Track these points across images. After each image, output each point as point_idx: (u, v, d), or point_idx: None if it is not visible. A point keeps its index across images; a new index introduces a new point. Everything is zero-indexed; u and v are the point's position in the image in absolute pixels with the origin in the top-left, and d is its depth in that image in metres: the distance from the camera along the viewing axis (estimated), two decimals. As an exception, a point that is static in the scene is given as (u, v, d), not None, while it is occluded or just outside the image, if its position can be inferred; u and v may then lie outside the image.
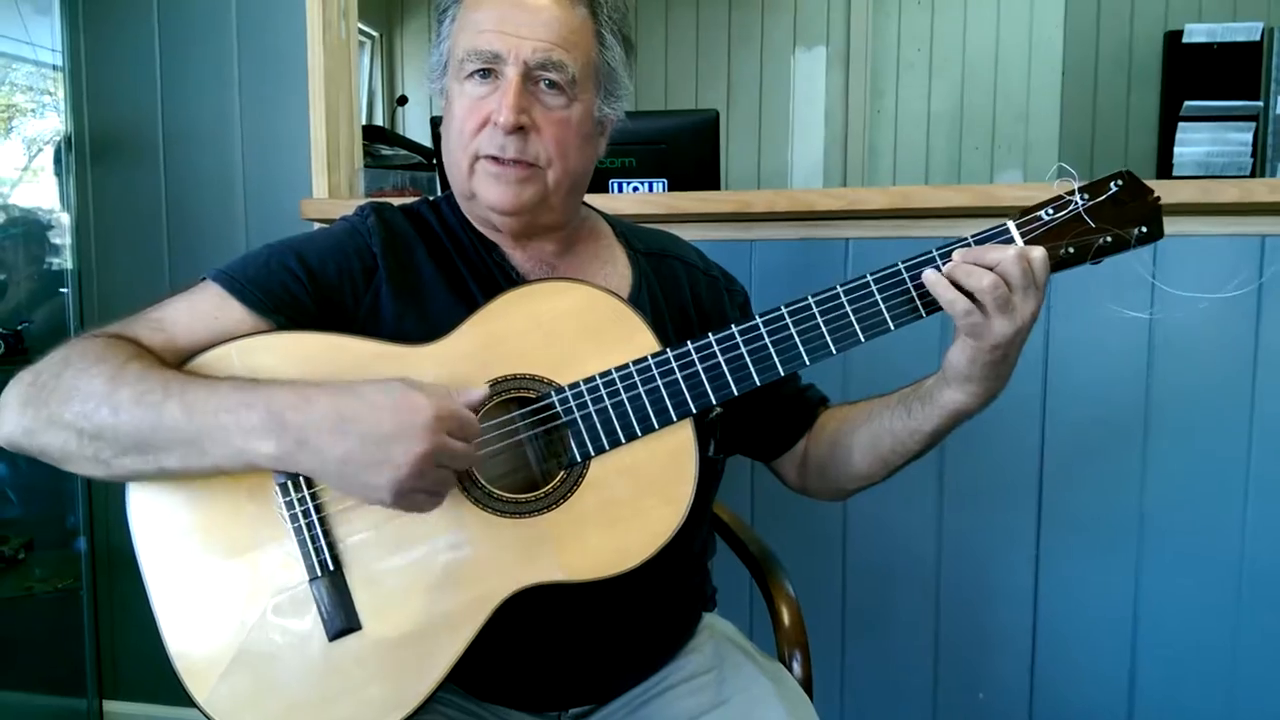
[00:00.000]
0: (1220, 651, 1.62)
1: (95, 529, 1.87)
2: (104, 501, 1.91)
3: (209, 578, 0.84)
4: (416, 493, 0.78)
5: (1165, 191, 1.49)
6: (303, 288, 0.91)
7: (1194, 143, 1.87)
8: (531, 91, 0.92)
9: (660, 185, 1.74)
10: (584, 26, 0.95)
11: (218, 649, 0.83)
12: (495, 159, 0.93)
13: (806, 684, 1.08)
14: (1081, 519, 1.65)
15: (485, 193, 0.95)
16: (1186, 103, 1.90)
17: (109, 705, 1.94)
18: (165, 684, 0.81)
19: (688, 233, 1.17)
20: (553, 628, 0.94)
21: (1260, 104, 1.92)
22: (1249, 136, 1.83)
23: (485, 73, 0.93)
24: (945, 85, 4.03)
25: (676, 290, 1.06)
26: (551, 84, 0.93)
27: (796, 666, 1.09)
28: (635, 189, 1.73)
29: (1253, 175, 1.84)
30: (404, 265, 0.95)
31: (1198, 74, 3.39)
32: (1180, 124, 1.87)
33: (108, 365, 0.80)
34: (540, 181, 0.94)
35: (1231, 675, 1.62)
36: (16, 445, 0.82)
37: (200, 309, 0.89)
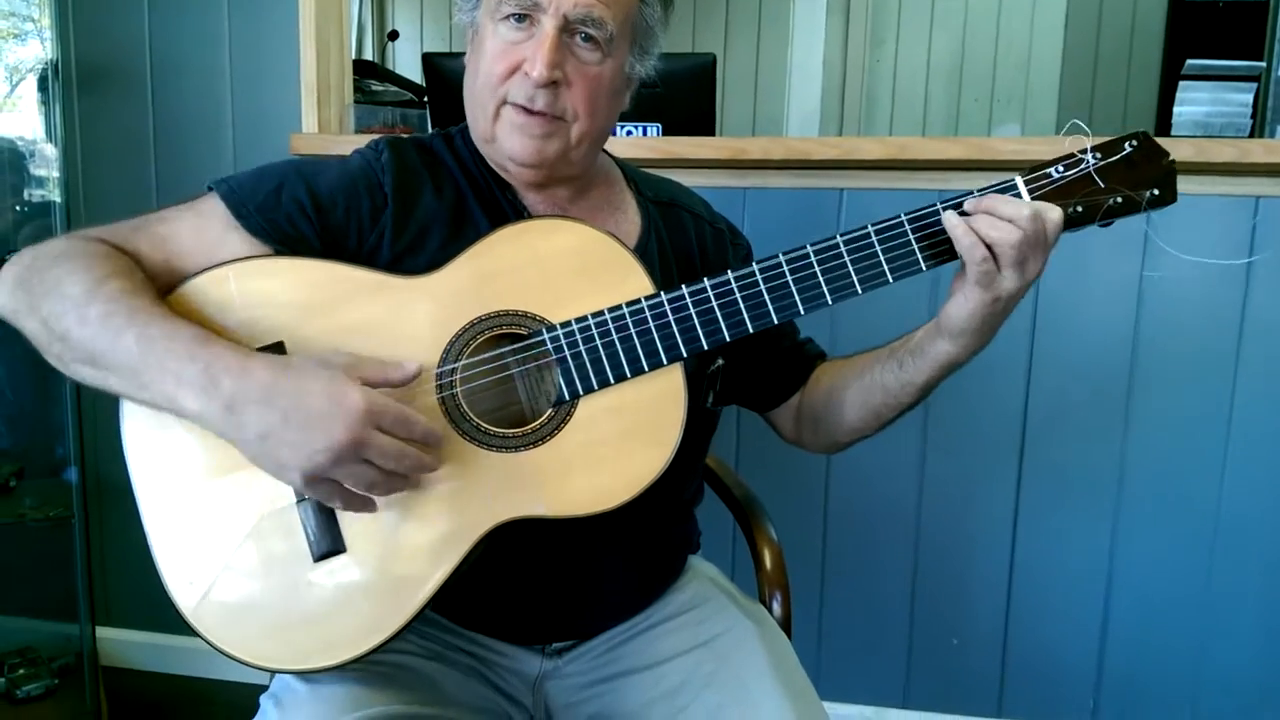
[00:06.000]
0: (1192, 604, 1.66)
1: (86, 459, 1.88)
2: (94, 432, 1.91)
3: (199, 494, 0.85)
4: (329, 482, 0.78)
5: (1160, 150, 1.50)
6: (309, 223, 0.90)
7: (1194, 102, 1.84)
8: (566, 44, 0.91)
9: (655, 129, 1.72)
10: None
11: (205, 564, 0.84)
12: (523, 109, 0.92)
13: (786, 625, 1.11)
14: (1062, 471, 1.68)
15: (508, 141, 0.94)
16: (1188, 61, 1.88)
17: (101, 631, 1.97)
18: (156, 611, 0.83)
19: (681, 178, 1.17)
20: (541, 563, 0.95)
21: (1263, 64, 1.90)
22: (1249, 98, 1.81)
23: (521, 17, 0.91)
24: (946, 35, 3.96)
25: (683, 240, 1.07)
26: (587, 37, 0.91)
27: (777, 608, 1.12)
28: (629, 133, 1.71)
29: (1251, 137, 1.83)
30: (411, 207, 0.94)
31: (1201, 32, 3.34)
32: (1181, 82, 1.85)
33: (91, 276, 0.81)
34: (564, 136, 0.94)
35: (1202, 627, 1.66)
36: (7, 319, 0.85)
37: (204, 233, 0.89)
